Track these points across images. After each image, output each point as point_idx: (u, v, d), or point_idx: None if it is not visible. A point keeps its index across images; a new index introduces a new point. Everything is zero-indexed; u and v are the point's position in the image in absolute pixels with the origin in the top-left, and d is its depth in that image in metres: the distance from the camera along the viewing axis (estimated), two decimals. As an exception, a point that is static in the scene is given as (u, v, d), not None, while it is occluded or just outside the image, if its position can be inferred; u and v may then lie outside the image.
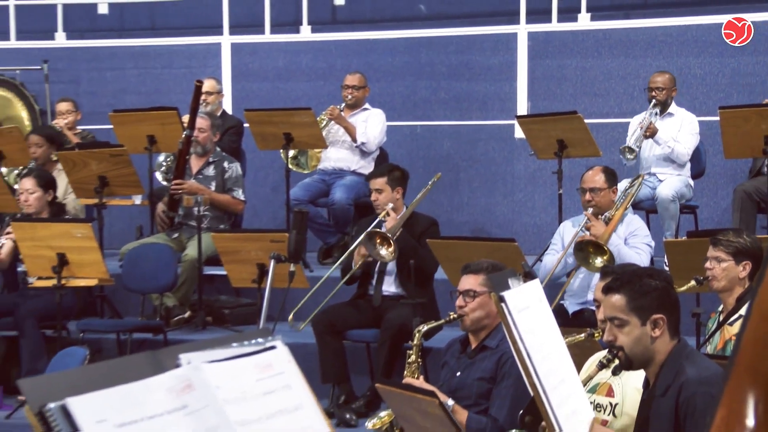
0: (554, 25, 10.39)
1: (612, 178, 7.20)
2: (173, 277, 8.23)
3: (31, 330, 7.68)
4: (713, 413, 1.38)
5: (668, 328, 3.86)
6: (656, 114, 8.53)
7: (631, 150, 8.30)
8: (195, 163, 8.81)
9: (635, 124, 8.55)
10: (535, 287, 3.77)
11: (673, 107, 8.71)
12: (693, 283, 5.78)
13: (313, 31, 11.27)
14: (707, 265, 5.63)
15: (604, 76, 10.09)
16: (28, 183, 8.13)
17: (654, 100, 8.56)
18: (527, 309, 3.47)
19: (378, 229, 7.22)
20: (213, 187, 8.72)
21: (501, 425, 4.92)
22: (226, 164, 8.84)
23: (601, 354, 4.10)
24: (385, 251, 7.11)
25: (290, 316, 7.19)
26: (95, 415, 1.94)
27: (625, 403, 4.54)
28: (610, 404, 4.59)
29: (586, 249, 6.81)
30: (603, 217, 7.06)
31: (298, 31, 11.29)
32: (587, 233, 6.96)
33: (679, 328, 3.96)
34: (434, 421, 3.88)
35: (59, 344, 7.23)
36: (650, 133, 8.38)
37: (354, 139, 9.33)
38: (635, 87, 9.83)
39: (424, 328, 5.44)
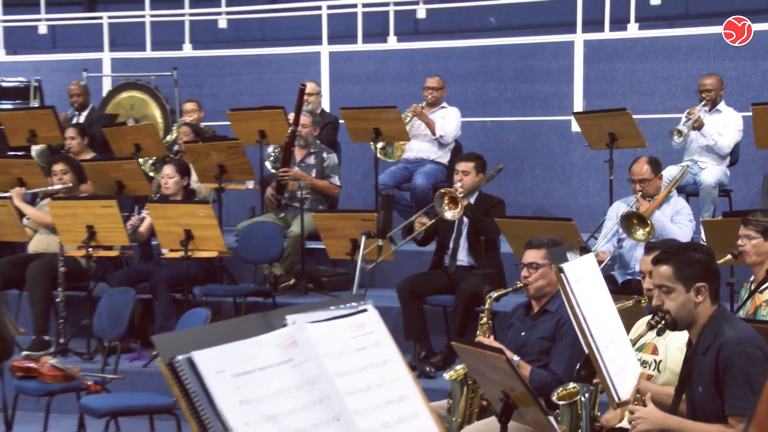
0: (606, 34, 10.30)
1: (657, 167, 7.11)
2: (280, 250, 8.29)
3: (163, 294, 7.77)
4: (766, 373, 1.35)
5: (709, 295, 3.84)
6: (706, 111, 8.42)
7: (679, 132, 8.23)
8: (298, 154, 8.84)
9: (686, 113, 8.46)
10: (590, 260, 3.73)
11: (721, 105, 8.55)
12: (729, 256, 5.73)
13: (399, 40, 11.27)
14: (739, 242, 5.56)
15: (650, 78, 9.96)
16: (169, 169, 8.22)
17: (704, 100, 8.44)
18: (583, 278, 3.43)
19: (448, 189, 7.17)
20: (313, 174, 8.75)
21: (560, 378, 4.88)
22: (324, 154, 8.87)
23: (648, 317, 4.07)
24: (450, 212, 7.05)
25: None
26: (216, 366, 1.95)
27: (667, 360, 4.49)
28: (655, 361, 4.55)
29: (630, 220, 6.75)
30: (649, 199, 7.00)
31: (385, 41, 11.29)
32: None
33: (719, 295, 3.92)
34: (502, 374, 3.86)
35: (186, 306, 7.32)
36: (697, 125, 8.27)
37: (433, 133, 9.30)
38: (677, 87, 9.70)
39: (494, 294, 5.41)
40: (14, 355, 5.50)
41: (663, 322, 3.86)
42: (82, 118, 10.66)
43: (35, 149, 10.13)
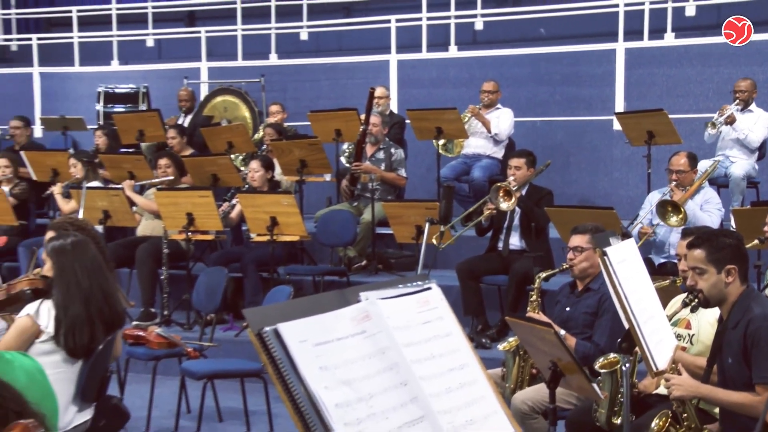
0: (645, 42, 10.16)
1: (694, 161, 6.99)
2: (353, 234, 8.30)
3: (252, 273, 7.83)
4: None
5: (739, 276, 3.79)
6: (739, 109, 8.28)
7: (713, 125, 8.11)
8: (369, 150, 8.85)
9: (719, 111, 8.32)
10: (631, 244, 3.68)
11: (753, 106, 8.42)
12: (757, 241, 5.62)
13: (459, 50, 11.23)
14: (765, 228, 5.47)
15: (684, 82, 9.81)
16: (255, 164, 8.27)
17: (738, 100, 8.30)
18: (624, 261, 3.39)
19: (503, 183, 7.12)
20: (383, 168, 8.76)
21: (602, 349, 4.83)
22: (392, 150, 8.86)
23: (683, 296, 4.02)
24: (505, 204, 7.00)
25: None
26: (298, 336, 1.96)
27: (700, 333, 4.44)
28: (689, 335, 4.49)
29: (665, 207, 6.64)
30: (683, 189, 6.89)
31: (447, 50, 11.26)
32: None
33: (748, 276, 3.86)
34: (550, 345, 3.83)
35: (272, 283, 7.34)
36: (730, 121, 8.15)
37: (489, 131, 9.25)
38: (710, 90, 9.54)
39: (543, 275, 5.37)
40: (126, 325, 5.59)
41: (696, 300, 3.83)
42: (187, 120, 10.80)
43: (144, 146, 10.29)
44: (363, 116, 8.75)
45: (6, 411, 1.72)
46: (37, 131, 11.84)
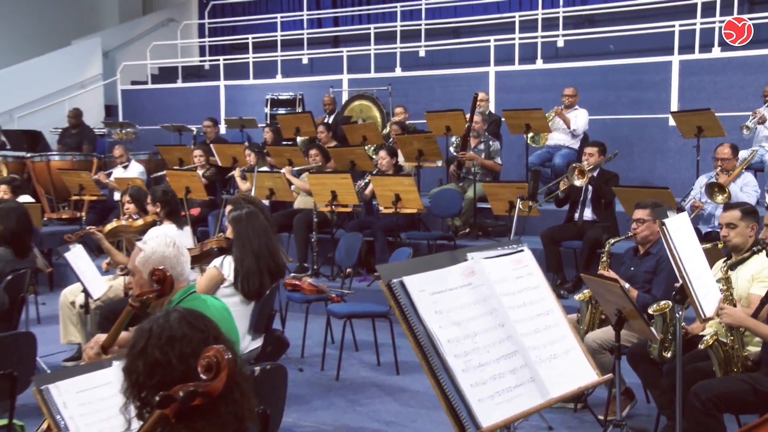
0: (696, 55, 9.72)
1: (735, 151, 6.70)
2: (459, 208, 8.25)
3: (380, 237, 7.89)
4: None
5: None
6: None
7: (747, 127, 7.72)
8: (473, 142, 8.75)
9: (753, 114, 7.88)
10: (684, 216, 3.55)
11: None
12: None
13: (544, 63, 10.97)
14: None
15: (728, 87, 9.33)
16: (383, 153, 8.29)
17: (767, 102, 7.86)
18: (679, 230, 3.27)
19: (578, 164, 6.94)
20: (483, 156, 8.65)
21: (658, 300, 4.67)
22: (490, 143, 8.74)
23: (723, 259, 3.89)
24: (578, 181, 6.83)
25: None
26: (419, 286, 1.96)
27: (738, 288, 4.26)
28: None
29: (712, 188, 6.40)
30: (727, 174, 6.58)
31: (534, 63, 11.01)
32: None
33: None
34: (617, 296, 3.73)
35: (395, 246, 7.39)
36: (761, 121, 7.72)
37: (569, 127, 9.05)
38: (749, 93, 9.06)
39: (612, 241, 5.21)
40: (286, 276, 5.72)
41: (764, 248, 3.81)
42: (330, 120, 10.92)
43: (299, 140, 10.46)
44: (468, 115, 8.66)
45: (207, 336, 1.82)
46: (222, 129, 12.19)
